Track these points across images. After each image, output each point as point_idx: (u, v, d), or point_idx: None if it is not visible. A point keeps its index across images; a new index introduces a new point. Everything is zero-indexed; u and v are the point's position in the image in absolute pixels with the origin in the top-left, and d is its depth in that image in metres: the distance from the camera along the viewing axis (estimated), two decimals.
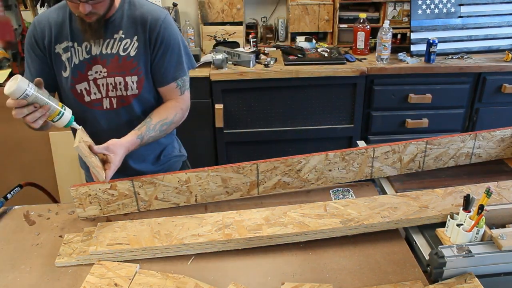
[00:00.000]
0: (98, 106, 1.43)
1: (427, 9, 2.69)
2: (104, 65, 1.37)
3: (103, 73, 1.38)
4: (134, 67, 1.38)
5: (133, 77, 1.39)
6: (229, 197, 1.50)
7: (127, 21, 1.37)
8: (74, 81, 1.38)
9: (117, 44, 1.37)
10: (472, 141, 1.59)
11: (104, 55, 1.37)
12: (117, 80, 1.39)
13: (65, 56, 1.37)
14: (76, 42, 1.36)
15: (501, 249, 1.15)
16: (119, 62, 1.37)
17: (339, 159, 1.51)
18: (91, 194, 1.39)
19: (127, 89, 1.40)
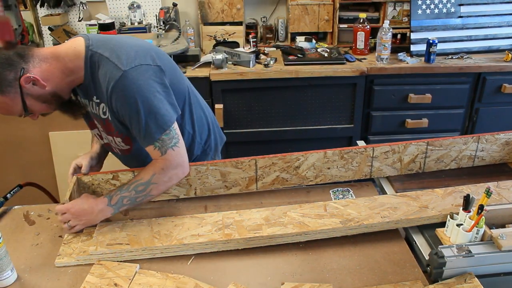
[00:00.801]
0: (110, 149, 1.55)
1: (427, 9, 2.69)
2: (98, 122, 1.41)
3: (101, 129, 1.45)
4: (114, 130, 1.38)
5: (117, 138, 1.42)
6: (228, 191, 1.51)
7: (96, 85, 1.29)
8: (90, 126, 1.49)
9: (96, 108, 1.35)
10: (475, 144, 1.59)
11: (94, 114, 1.39)
12: (108, 138, 1.45)
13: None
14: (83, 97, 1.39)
15: (501, 249, 1.15)
16: (103, 124, 1.39)
17: (338, 157, 1.51)
18: (94, 184, 1.42)
19: (119, 145, 1.45)
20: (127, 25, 2.86)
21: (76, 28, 2.92)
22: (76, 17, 2.89)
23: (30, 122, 2.54)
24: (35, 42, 2.88)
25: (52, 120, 2.53)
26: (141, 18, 2.86)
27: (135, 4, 2.82)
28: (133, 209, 1.46)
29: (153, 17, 2.90)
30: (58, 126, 2.56)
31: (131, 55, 1.25)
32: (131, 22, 2.85)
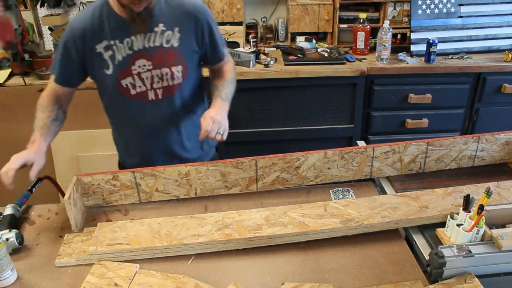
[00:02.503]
0: (144, 98, 1.49)
1: (427, 9, 2.69)
2: (149, 58, 1.42)
3: (147, 67, 1.43)
4: (178, 57, 1.45)
5: (178, 67, 1.46)
6: (228, 191, 1.51)
7: (166, 13, 1.41)
8: (119, 77, 1.44)
9: (159, 37, 1.41)
10: (475, 144, 1.59)
11: (147, 49, 1.41)
12: (163, 71, 1.45)
13: (107, 55, 1.41)
14: (117, 40, 1.40)
15: (501, 249, 1.15)
16: (164, 54, 1.43)
17: (338, 158, 1.51)
18: (94, 184, 1.43)
19: (174, 78, 1.47)
20: None
21: None
22: None
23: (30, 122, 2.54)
24: (35, 42, 2.88)
25: None
26: None
27: None
28: (133, 209, 1.46)
29: None
30: None
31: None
32: None
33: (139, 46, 1.41)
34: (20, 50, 2.51)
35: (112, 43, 1.40)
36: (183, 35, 1.43)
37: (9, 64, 2.57)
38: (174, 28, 1.42)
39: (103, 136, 2.59)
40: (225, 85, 1.55)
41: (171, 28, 1.42)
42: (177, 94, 1.51)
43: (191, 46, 1.47)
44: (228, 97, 1.53)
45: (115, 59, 1.41)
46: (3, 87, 2.46)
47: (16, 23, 2.47)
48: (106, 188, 1.45)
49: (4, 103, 2.47)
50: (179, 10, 1.43)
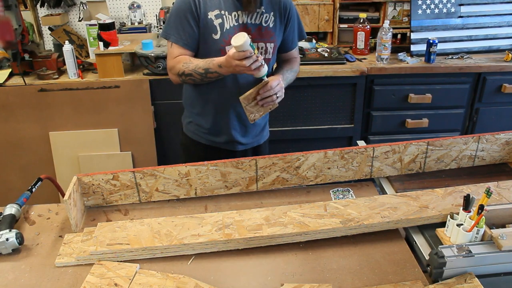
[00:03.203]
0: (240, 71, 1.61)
1: (427, 9, 2.69)
2: (249, 32, 1.61)
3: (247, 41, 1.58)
4: (272, 36, 1.67)
5: (271, 44, 1.68)
6: (228, 191, 1.51)
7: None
8: (225, 43, 1.61)
9: (260, 17, 1.63)
10: (475, 144, 1.59)
11: (250, 24, 1.62)
12: (260, 45, 1.66)
13: (217, 22, 1.59)
14: (227, 11, 1.59)
15: (501, 249, 1.15)
16: (261, 31, 1.65)
17: (338, 157, 1.51)
18: (94, 184, 1.43)
19: (266, 53, 1.68)
20: (127, 25, 2.86)
21: (76, 28, 2.92)
22: (76, 17, 2.89)
23: (30, 122, 2.54)
24: (36, 42, 2.89)
25: (52, 120, 2.54)
26: (141, 18, 2.86)
27: (135, 4, 2.82)
28: (133, 209, 1.46)
29: (153, 17, 2.90)
30: (58, 126, 2.56)
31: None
32: (131, 22, 2.85)
33: (244, 20, 1.61)
34: (20, 50, 2.51)
35: (223, 13, 1.59)
36: (276, 19, 1.66)
37: (9, 64, 2.57)
38: (271, 12, 1.65)
39: (103, 136, 2.59)
40: (289, 71, 1.76)
41: (269, 11, 1.65)
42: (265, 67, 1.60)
43: (280, 30, 1.70)
44: (286, 79, 1.71)
45: (224, 27, 1.59)
46: (3, 87, 2.46)
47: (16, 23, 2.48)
48: (106, 188, 1.45)
49: (4, 103, 2.48)
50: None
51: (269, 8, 1.65)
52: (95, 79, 2.50)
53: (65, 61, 2.49)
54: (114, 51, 2.46)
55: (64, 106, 2.51)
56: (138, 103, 2.53)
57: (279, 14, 1.67)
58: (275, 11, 1.66)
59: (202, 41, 1.62)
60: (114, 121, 2.57)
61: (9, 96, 2.47)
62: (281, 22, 1.69)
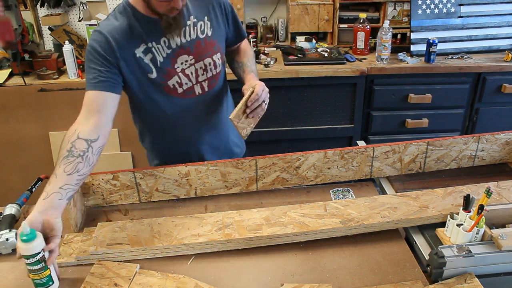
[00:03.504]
0: (191, 94, 1.47)
1: (427, 9, 2.69)
2: (189, 53, 1.41)
3: (189, 61, 1.42)
4: (215, 45, 1.47)
5: (217, 55, 1.48)
6: (228, 191, 1.51)
7: (193, 4, 1.42)
8: (165, 78, 1.40)
9: (194, 29, 1.41)
10: (475, 144, 1.59)
11: (185, 43, 1.40)
12: (206, 62, 1.45)
13: (148, 58, 1.36)
14: (153, 41, 1.36)
15: (501, 249, 1.15)
16: (202, 45, 1.43)
17: (338, 158, 1.51)
18: (94, 184, 1.43)
19: (216, 66, 1.49)
20: None
21: (76, 28, 2.92)
22: (76, 17, 2.89)
23: (30, 122, 2.54)
24: (36, 42, 2.88)
25: (52, 120, 2.54)
26: None
27: None
28: (133, 209, 1.46)
29: None
30: (58, 126, 2.56)
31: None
32: None
33: (177, 43, 1.38)
34: (20, 50, 2.51)
35: (150, 46, 1.35)
36: (212, 22, 1.45)
37: (9, 64, 2.57)
38: (204, 17, 1.43)
39: None
40: (250, 61, 1.59)
41: (202, 18, 1.43)
42: (219, 83, 1.54)
43: (221, 31, 1.50)
44: (256, 73, 1.57)
45: (157, 61, 1.37)
46: (3, 87, 2.46)
47: (16, 23, 2.48)
48: (106, 188, 1.45)
49: (4, 103, 2.48)
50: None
51: (200, 13, 1.42)
52: None
53: (65, 61, 2.49)
54: None
55: (64, 106, 2.51)
56: None
57: (215, 13, 1.46)
58: (209, 13, 1.44)
59: (137, 84, 1.39)
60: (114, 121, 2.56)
61: (9, 96, 2.47)
62: (218, 21, 1.47)
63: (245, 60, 1.59)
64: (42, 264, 1.09)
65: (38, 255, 1.08)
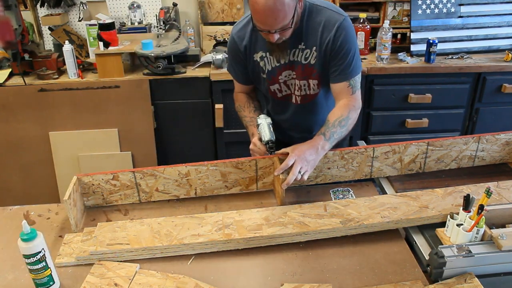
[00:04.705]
0: (289, 99, 1.66)
1: (427, 9, 2.69)
2: (293, 69, 1.57)
3: (292, 75, 1.59)
4: (315, 73, 1.55)
5: (314, 81, 1.58)
6: (228, 191, 1.51)
7: (307, 32, 1.50)
8: (268, 83, 1.62)
9: (300, 54, 1.53)
10: (475, 144, 1.59)
11: (292, 62, 1.55)
12: (301, 83, 1.59)
13: (262, 63, 1.58)
14: (268, 52, 1.55)
15: (501, 249, 1.15)
16: (302, 69, 1.55)
17: (338, 158, 1.51)
18: (94, 184, 1.43)
19: (310, 89, 1.60)
20: (127, 25, 2.86)
21: (76, 28, 2.92)
22: (76, 17, 2.89)
23: (30, 122, 2.54)
24: (36, 42, 2.88)
25: (52, 120, 2.54)
26: (141, 18, 2.86)
27: (135, 4, 2.82)
28: (133, 209, 1.46)
29: (153, 17, 2.89)
30: (58, 126, 2.56)
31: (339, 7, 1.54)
32: (131, 22, 2.85)
33: (285, 60, 1.54)
34: (20, 50, 2.51)
35: (264, 55, 1.56)
36: (319, 53, 1.51)
37: (9, 64, 2.57)
38: (312, 47, 1.51)
39: (103, 136, 2.59)
40: (336, 123, 1.49)
41: (310, 47, 1.51)
42: (313, 101, 1.64)
43: (325, 63, 1.53)
44: (332, 137, 1.46)
45: (266, 68, 1.58)
46: (3, 87, 2.46)
47: (16, 23, 2.48)
48: (106, 188, 1.45)
49: (4, 103, 2.48)
50: (319, 30, 1.48)
51: (311, 41, 1.50)
52: (95, 79, 2.49)
53: (65, 61, 2.49)
54: (114, 51, 2.46)
55: (64, 106, 2.51)
56: (138, 103, 2.53)
57: (323, 48, 1.49)
58: (318, 45, 1.49)
59: (255, 79, 1.66)
60: (114, 121, 2.57)
61: (9, 96, 2.47)
62: (325, 54, 1.50)
63: (332, 119, 1.51)
64: (43, 264, 1.09)
65: (39, 255, 1.08)
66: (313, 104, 1.66)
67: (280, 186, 1.39)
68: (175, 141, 2.69)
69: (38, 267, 1.09)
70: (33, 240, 1.08)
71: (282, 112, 1.73)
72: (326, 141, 1.45)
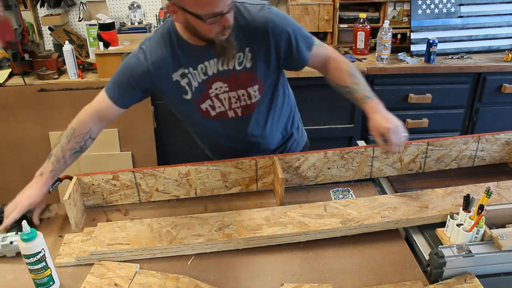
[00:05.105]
0: (224, 117, 1.47)
1: (427, 9, 2.69)
2: (224, 80, 1.39)
3: (224, 88, 1.41)
4: (253, 78, 1.40)
5: (254, 87, 1.41)
6: (228, 191, 1.51)
7: (235, 35, 1.31)
8: (199, 102, 1.43)
9: (231, 60, 1.36)
10: (475, 144, 1.59)
11: (221, 72, 1.37)
12: (239, 93, 1.42)
13: (184, 82, 1.39)
14: (190, 67, 1.37)
15: (501, 249, 1.15)
16: (238, 77, 1.38)
17: (338, 158, 1.51)
18: (94, 184, 1.43)
19: (251, 98, 1.43)
20: (127, 25, 2.86)
21: (76, 28, 2.92)
22: (76, 17, 2.89)
23: (30, 122, 2.54)
24: (35, 42, 2.89)
25: (52, 120, 2.54)
26: (141, 18, 2.86)
27: (135, 4, 2.82)
28: (133, 209, 1.46)
29: (153, 17, 2.90)
30: (58, 126, 2.56)
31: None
32: (131, 22, 2.85)
33: (213, 70, 1.37)
34: (20, 50, 2.51)
35: (187, 71, 1.38)
36: (254, 55, 1.36)
37: (9, 64, 2.57)
38: (244, 48, 1.35)
39: (103, 136, 2.58)
40: (355, 80, 1.41)
41: (242, 49, 1.34)
42: (257, 110, 1.48)
43: (265, 64, 1.39)
44: (372, 92, 1.40)
45: (192, 86, 1.40)
46: (3, 87, 2.46)
47: (16, 23, 2.48)
48: (106, 188, 1.45)
49: (4, 103, 2.47)
50: (248, 28, 1.32)
51: (241, 44, 1.33)
52: (95, 79, 2.49)
53: (65, 61, 2.49)
54: (114, 51, 2.46)
55: (64, 106, 2.51)
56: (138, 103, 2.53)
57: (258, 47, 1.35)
58: (251, 45, 1.34)
59: (174, 103, 1.47)
60: (114, 121, 2.56)
61: (9, 96, 2.47)
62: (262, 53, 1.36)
63: (348, 81, 1.42)
64: (43, 264, 1.09)
65: (39, 255, 1.08)
66: (259, 113, 1.48)
67: (280, 186, 1.39)
68: (175, 141, 2.69)
69: (38, 267, 1.09)
70: (33, 240, 1.08)
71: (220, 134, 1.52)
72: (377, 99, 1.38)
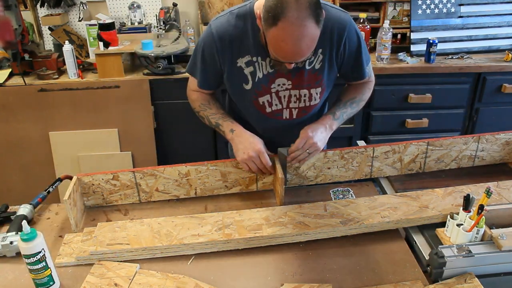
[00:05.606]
0: (278, 116, 1.47)
1: (427, 9, 2.69)
2: (289, 78, 1.38)
3: (286, 86, 1.40)
4: (319, 80, 1.40)
5: (317, 89, 1.42)
6: (228, 191, 1.51)
7: None
8: (257, 94, 1.41)
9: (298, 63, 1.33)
10: (475, 144, 1.59)
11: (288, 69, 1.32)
12: (302, 93, 1.41)
13: (248, 70, 1.36)
14: (259, 57, 1.34)
15: (501, 249, 1.15)
16: (304, 76, 1.38)
17: (338, 158, 1.51)
18: (94, 184, 1.43)
19: (311, 100, 1.44)
20: (127, 25, 2.86)
21: (76, 28, 2.92)
22: (76, 17, 2.89)
23: (30, 122, 2.54)
24: (36, 42, 2.88)
25: (52, 120, 2.54)
26: (141, 18, 2.86)
27: (135, 4, 2.82)
28: (133, 209, 1.46)
29: (153, 17, 2.89)
30: (58, 126, 2.56)
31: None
32: (131, 22, 2.85)
33: None
34: (20, 50, 2.51)
35: (255, 60, 1.34)
36: (325, 57, 1.36)
37: (9, 64, 2.57)
38: (317, 50, 1.33)
39: (103, 136, 2.59)
40: (347, 104, 1.47)
41: (315, 50, 1.30)
42: (310, 115, 1.49)
43: (332, 68, 1.40)
44: (341, 117, 1.44)
45: (256, 76, 1.36)
46: (3, 87, 2.46)
47: (16, 23, 2.47)
48: (106, 188, 1.45)
49: (4, 103, 2.47)
50: (325, 30, 1.28)
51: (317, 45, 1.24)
52: (95, 79, 2.49)
53: (65, 61, 2.49)
54: (114, 51, 2.46)
55: (64, 106, 2.51)
56: (138, 103, 2.53)
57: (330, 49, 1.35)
58: (324, 47, 1.34)
59: (232, 90, 1.46)
60: (114, 121, 2.57)
61: (9, 96, 2.47)
62: (332, 57, 1.37)
63: (344, 99, 1.48)
64: (43, 264, 1.09)
65: (39, 255, 1.08)
66: (310, 119, 1.47)
67: (280, 186, 1.39)
68: (175, 141, 2.69)
69: (38, 267, 1.09)
70: (33, 240, 1.08)
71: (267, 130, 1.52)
72: (335, 121, 1.41)
